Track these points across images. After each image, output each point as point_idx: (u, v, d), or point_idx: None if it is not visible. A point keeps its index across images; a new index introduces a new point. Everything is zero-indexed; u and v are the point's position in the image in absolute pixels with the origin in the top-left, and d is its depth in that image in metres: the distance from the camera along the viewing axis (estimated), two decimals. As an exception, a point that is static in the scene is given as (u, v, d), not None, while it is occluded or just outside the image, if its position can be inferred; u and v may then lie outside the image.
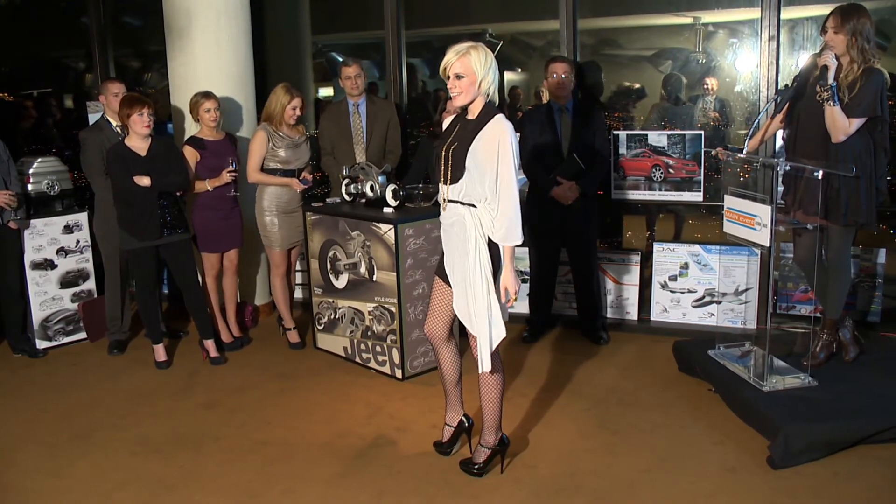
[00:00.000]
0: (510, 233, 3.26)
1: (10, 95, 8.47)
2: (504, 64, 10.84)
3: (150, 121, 4.86)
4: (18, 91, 8.56)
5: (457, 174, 3.31)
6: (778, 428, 3.64)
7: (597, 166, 5.18)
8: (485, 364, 3.46)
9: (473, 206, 3.31)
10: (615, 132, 5.60)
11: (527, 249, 5.59)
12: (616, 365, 4.99)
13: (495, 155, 3.18)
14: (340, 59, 11.11)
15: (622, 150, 5.58)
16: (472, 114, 3.31)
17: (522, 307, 5.70)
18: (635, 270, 5.65)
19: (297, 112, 5.20)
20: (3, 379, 5.13)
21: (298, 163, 5.32)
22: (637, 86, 6.94)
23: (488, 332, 3.42)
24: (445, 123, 3.56)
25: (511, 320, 5.61)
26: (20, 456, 4.04)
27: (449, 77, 3.25)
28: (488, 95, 3.26)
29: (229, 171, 5.15)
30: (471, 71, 3.21)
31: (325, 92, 9.92)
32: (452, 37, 11.07)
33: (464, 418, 3.86)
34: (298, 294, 6.13)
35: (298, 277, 6.11)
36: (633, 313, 5.65)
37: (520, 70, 10.99)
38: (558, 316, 5.75)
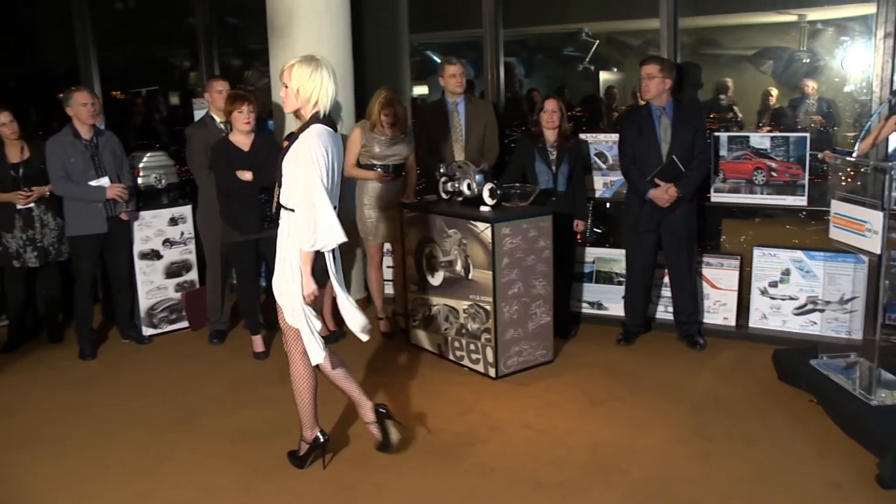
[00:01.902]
0: (302, 238, 3.38)
1: (122, 94, 8.83)
2: (599, 63, 10.73)
3: (251, 117, 5.00)
4: (129, 89, 8.93)
5: (281, 180, 3.49)
6: (888, 445, 3.49)
7: (696, 168, 5.08)
8: (314, 356, 3.58)
9: (292, 210, 3.45)
10: (715, 134, 5.48)
11: (623, 251, 5.52)
12: (712, 371, 4.88)
13: (300, 164, 3.33)
14: (436, 58, 11.19)
15: (722, 153, 5.44)
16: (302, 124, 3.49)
17: (617, 310, 5.63)
18: (734, 275, 5.51)
19: (391, 119, 5.27)
20: (112, 363, 5.36)
21: (395, 159, 5.39)
22: (738, 86, 6.79)
23: (307, 324, 3.53)
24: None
25: (606, 322, 5.63)
26: (126, 437, 4.21)
27: None
28: (315, 106, 3.41)
29: None
30: (292, 82, 3.40)
31: (420, 90, 9.99)
32: (548, 36, 11.03)
33: (320, 434, 3.82)
34: (390, 290, 6.19)
35: (390, 273, 6.17)
36: (730, 319, 5.51)
37: (616, 70, 10.85)
38: (653, 319, 5.65)
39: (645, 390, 4.59)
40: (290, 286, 3.51)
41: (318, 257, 3.50)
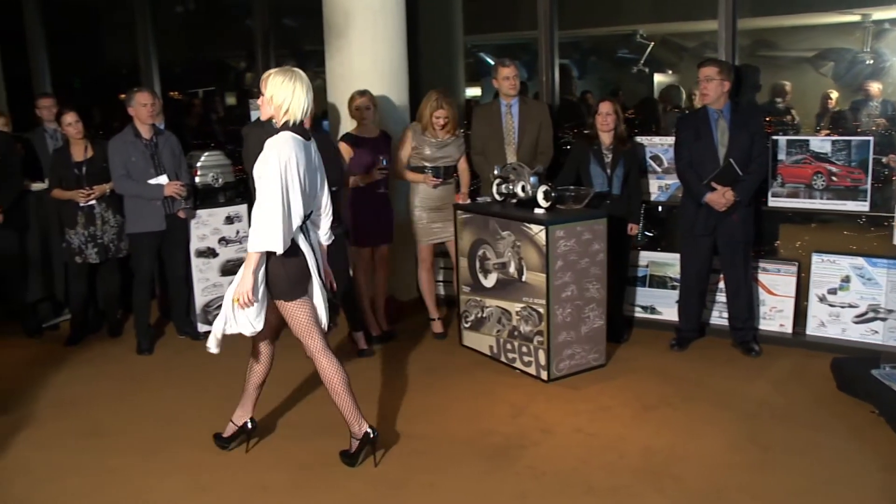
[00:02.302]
0: (252, 240, 3.49)
1: (180, 94, 9.00)
2: (654, 65, 10.62)
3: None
4: (186, 90, 9.09)
5: (253, 185, 3.60)
6: (952, 457, 3.41)
7: (754, 172, 5.00)
8: (210, 344, 3.74)
9: None
10: (774, 137, 5.38)
11: (677, 255, 5.45)
12: (768, 378, 4.80)
13: (262, 168, 3.45)
14: (489, 60, 11.19)
15: (781, 156, 5.35)
16: None
17: (671, 314, 5.57)
18: (791, 281, 5.41)
19: (441, 121, 5.30)
20: (168, 358, 5.46)
21: (445, 160, 5.41)
22: (796, 89, 6.67)
23: (223, 319, 3.68)
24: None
25: (659, 327, 5.57)
26: (182, 431, 4.29)
27: None
28: (287, 114, 3.52)
29: (379, 169, 5.27)
30: (267, 90, 3.52)
31: (473, 92, 10.00)
32: (603, 38, 10.97)
33: (249, 421, 4.03)
34: (441, 291, 6.21)
35: (441, 274, 6.20)
36: (787, 326, 5.41)
37: (670, 72, 10.74)
38: (708, 325, 5.58)
39: (698, 396, 4.53)
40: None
41: (298, 263, 3.62)
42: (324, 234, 3.86)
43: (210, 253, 5.82)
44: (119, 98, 8.88)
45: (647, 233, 5.72)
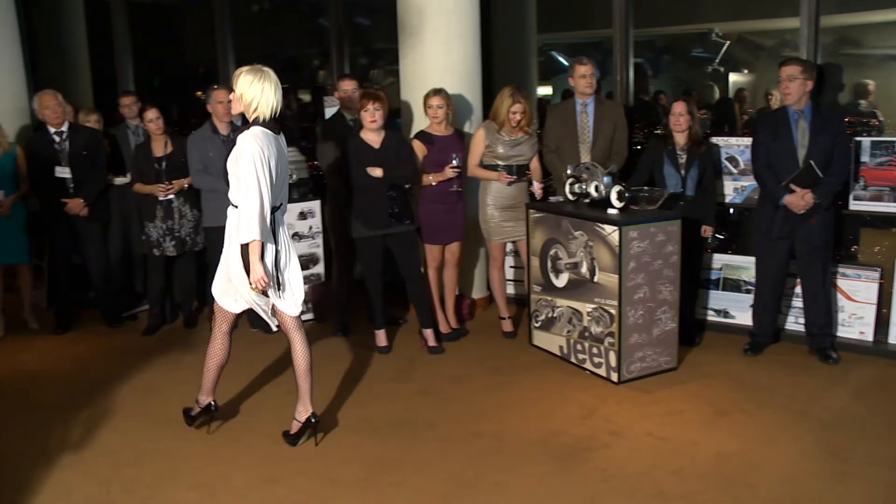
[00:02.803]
0: (243, 231, 3.66)
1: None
2: (729, 64, 10.43)
3: (377, 115, 5.08)
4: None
5: (227, 179, 3.81)
6: None
7: (835, 175, 4.86)
8: (272, 324, 4.10)
9: (236, 206, 3.78)
10: (857, 138, 5.22)
11: (752, 258, 5.34)
12: (847, 387, 4.66)
13: (238, 163, 3.64)
14: (560, 58, 11.13)
15: (864, 158, 5.19)
16: None
17: (745, 319, 5.46)
18: (872, 287, 5.24)
19: (518, 116, 5.28)
20: (241, 350, 5.50)
21: (518, 159, 5.40)
22: (880, 88, 6.46)
23: (258, 304, 3.97)
24: None
25: (732, 331, 5.46)
26: (255, 422, 4.38)
27: None
28: (256, 111, 3.71)
29: (452, 167, 5.28)
30: (237, 88, 3.72)
31: (544, 91, 9.97)
32: (677, 37, 10.81)
33: (213, 402, 4.24)
34: (511, 290, 6.20)
35: (511, 273, 6.19)
36: (867, 334, 5.24)
37: (746, 71, 10.52)
38: (783, 330, 5.45)
39: (773, 403, 4.43)
40: (238, 273, 3.83)
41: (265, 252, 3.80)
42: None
43: (283, 248, 5.91)
44: (196, 95, 9.11)
45: (717, 235, 5.61)
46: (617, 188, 4.78)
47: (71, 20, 8.76)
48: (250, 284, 3.77)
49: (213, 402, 4.23)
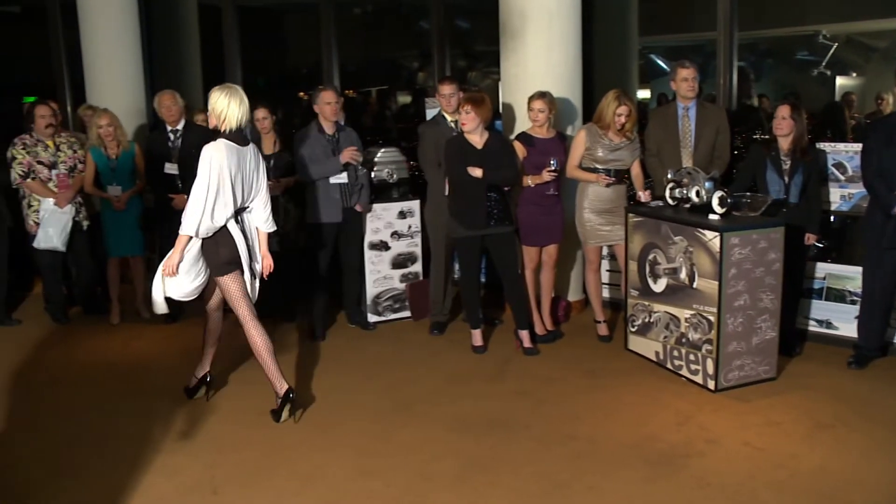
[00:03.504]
0: (183, 225, 4.18)
1: (354, 92, 9.39)
2: (837, 67, 10.10)
3: (468, 118, 5.15)
4: (361, 88, 9.47)
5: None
6: None
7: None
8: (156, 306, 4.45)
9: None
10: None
11: (858, 269, 5.18)
12: (961, 406, 4.48)
13: (200, 167, 4.13)
14: (659, 62, 11.01)
15: None
16: None
17: (849, 330, 5.30)
18: None
19: (623, 119, 5.27)
20: (339, 346, 5.71)
21: (617, 164, 5.38)
22: None
23: (156, 285, 4.36)
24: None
25: (835, 343, 5.31)
26: (351, 416, 4.49)
27: None
28: (224, 123, 4.22)
29: (549, 171, 5.30)
30: (210, 104, 4.26)
31: (642, 94, 9.86)
32: (780, 39, 10.55)
33: (207, 374, 4.76)
34: (606, 294, 6.17)
35: (606, 277, 6.16)
36: (983, 350, 5.03)
37: (855, 74, 10.18)
38: (891, 344, 5.26)
39: (878, 419, 4.29)
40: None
41: (229, 245, 4.28)
42: (263, 223, 4.47)
43: (383, 246, 6.04)
44: (299, 96, 9.38)
45: (817, 243, 5.46)
46: (718, 193, 4.72)
47: (185, 25, 9.16)
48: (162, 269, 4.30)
49: (207, 374, 4.76)
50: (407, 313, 6.18)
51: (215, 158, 4.12)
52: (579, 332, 5.80)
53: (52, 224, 5.99)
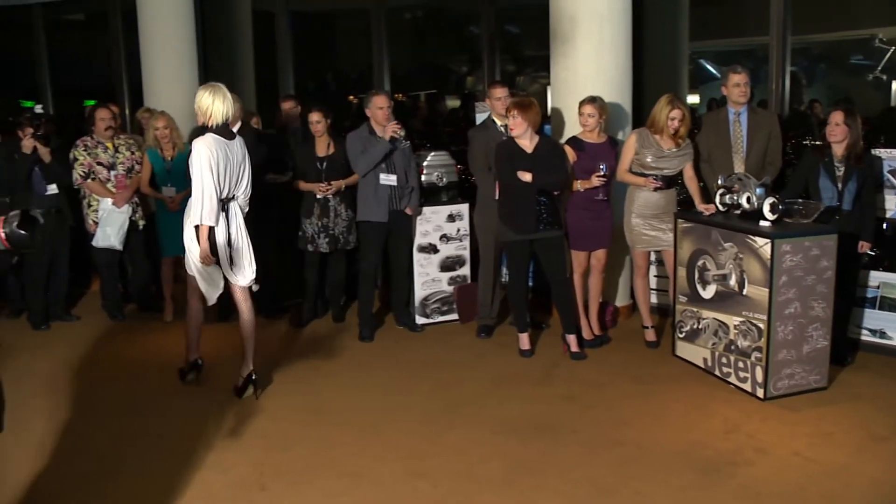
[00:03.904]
0: (195, 216, 4.48)
1: (403, 96, 9.47)
2: (892, 72, 9.91)
3: (515, 123, 5.17)
4: (409, 92, 9.55)
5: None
6: None
7: None
8: (209, 298, 4.86)
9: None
10: None
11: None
12: None
13: (193, 162, 4.46)
14: (708, 67, 10.91)
15: None
16: None
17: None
18: None
19: (676, 123, 5.26)
20: (387, 347, 5.77)
21: (665, 171, 5.36)
22: None
23: (200, 276, 4.72)
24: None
25: (889, 353, 5.24)
26: (399, 416, 4.53)
27: None
28: (210, 119, 4.53)
29: (598, 176, 5.30)
30: (196, 102, 4.56)
31: (692, 99, 9.78)
32: (833, 43, 10.38)
33: (199, 359, 5.09)
34: (654, 299, 6.14)
35: (654, 282, 6.13)
36: None
37: (912, 79, 9.97)
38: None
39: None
40: (192, 250, 4.63)
41: (212, 234, 4.53)
42: (244, 208, 4.78)
43: (431, 249, 6.09)
44: (348, 100, 9.49)
45: (869, 252, 5.37)
46: (770, 200, 4.68)
47: (240, 30, 9.33)
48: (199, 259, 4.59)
49: (199, 358, 5.08)
50: (454, 316, 6.21)
51: (205, 150, 4.43)
52: (627, 338, 5.78)
53: (109, 223, 6.15)
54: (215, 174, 4.44)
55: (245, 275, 4.81)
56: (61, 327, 6.32)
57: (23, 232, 2.39)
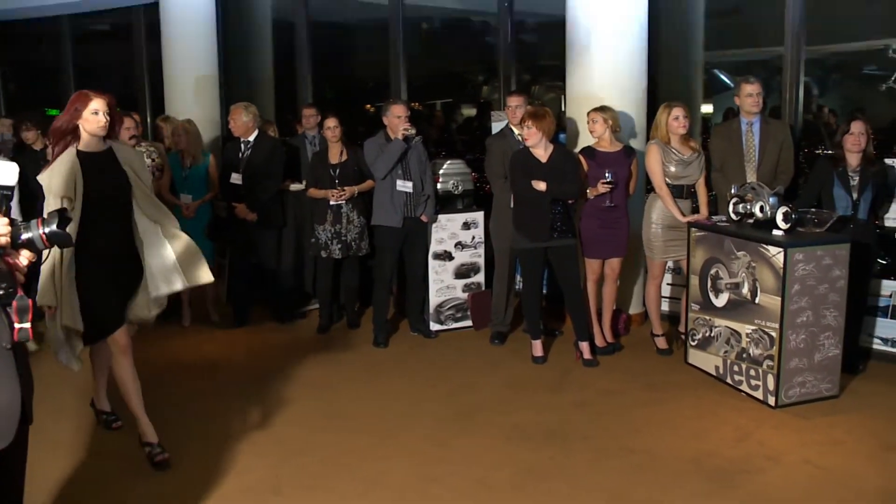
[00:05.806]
0: None
1: (419, 105, 9.54)
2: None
3: (529, 133, 5.23)
4: (426, 101, 9.62)
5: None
6: None
7: None
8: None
9: None
10: None
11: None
12: None
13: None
14: (722, 76, 10.91)
15: None
16: None
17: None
18: None
19: (682, 120, 5.31)
20: (401, 353, 5.83)
21: (688, 180, 5.41)
22: None
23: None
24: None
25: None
26: (413, 422, 4.57)
27: None
28: None
29: (603, 182, 5.33)
30: None
31: (706, 108, 9.79)
32: (846, 54, 10.36)
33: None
34: (664, 307, 6.16)
35: (666, 290, 6.16)
36: None
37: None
38: None
39: None
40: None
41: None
42: None
43: (446, 256, 6.15)
44: (365, 108, 9.57)
45: (879, 260, 5.39)
46: (783, 209, 4.71)
47: (260, 40, 9.45)
48: None
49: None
50: (468, 322, 6.26)
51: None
52: (639, 345, 5.80)
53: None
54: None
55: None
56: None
57: (62, 231, 2.46)
